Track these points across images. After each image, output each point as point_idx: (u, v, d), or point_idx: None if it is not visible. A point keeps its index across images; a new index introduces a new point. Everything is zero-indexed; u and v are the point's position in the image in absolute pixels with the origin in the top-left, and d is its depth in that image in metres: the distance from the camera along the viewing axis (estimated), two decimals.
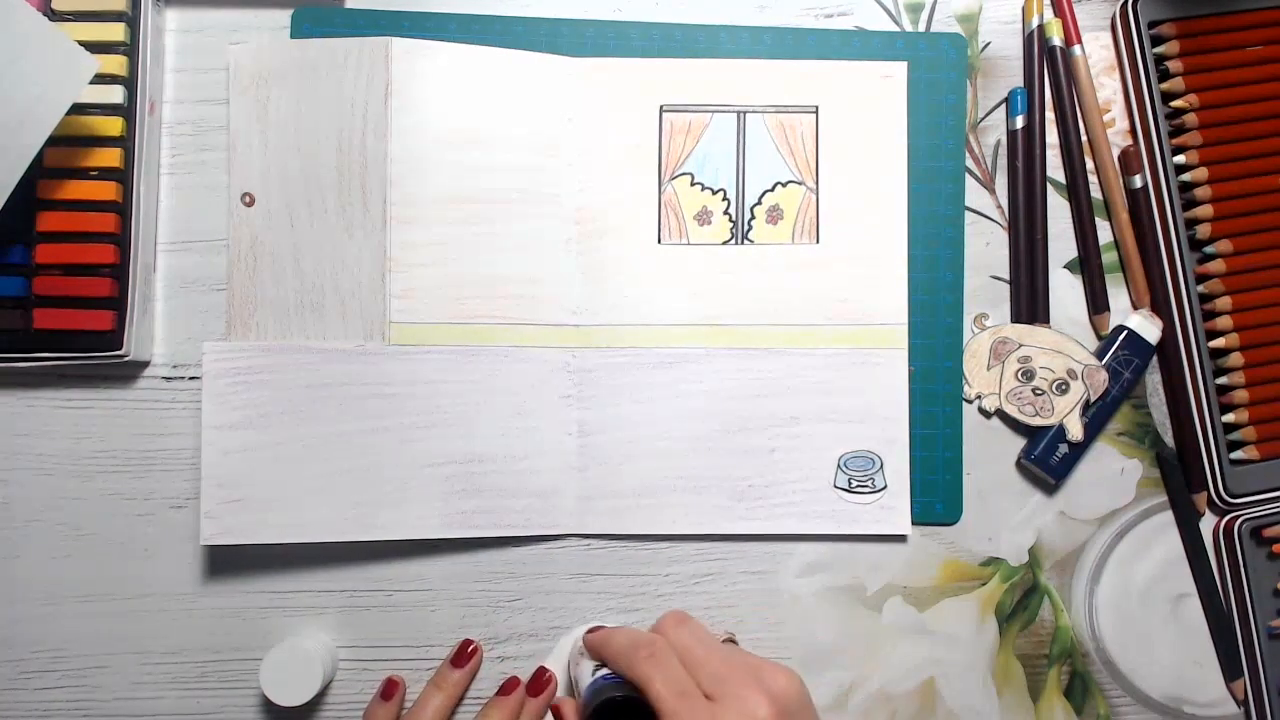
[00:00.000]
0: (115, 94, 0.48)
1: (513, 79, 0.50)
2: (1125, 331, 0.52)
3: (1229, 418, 0.52)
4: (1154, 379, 0.53)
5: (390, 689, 0.49)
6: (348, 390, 0.49)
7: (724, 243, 0.52)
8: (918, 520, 0.52)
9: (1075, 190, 0.53)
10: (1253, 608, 0.52)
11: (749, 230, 0.52)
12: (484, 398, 0.50)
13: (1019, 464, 0.53)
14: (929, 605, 0.52)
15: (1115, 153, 0.53)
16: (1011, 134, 0.53)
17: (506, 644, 0.51)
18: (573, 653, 0.48)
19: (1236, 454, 0.52)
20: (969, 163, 0.53)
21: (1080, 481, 0.53)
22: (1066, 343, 0.52)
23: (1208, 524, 0.53)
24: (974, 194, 0.53)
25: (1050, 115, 0.53)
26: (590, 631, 0.46)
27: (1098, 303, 0.53)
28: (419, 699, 0.49)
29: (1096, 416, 0.52)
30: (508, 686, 0.50)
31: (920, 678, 0.52)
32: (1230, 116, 0.52)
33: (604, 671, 0.43)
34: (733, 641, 0.50)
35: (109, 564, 0.50)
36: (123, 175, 0.48)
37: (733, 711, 0.37)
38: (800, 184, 0.52)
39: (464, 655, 0.50)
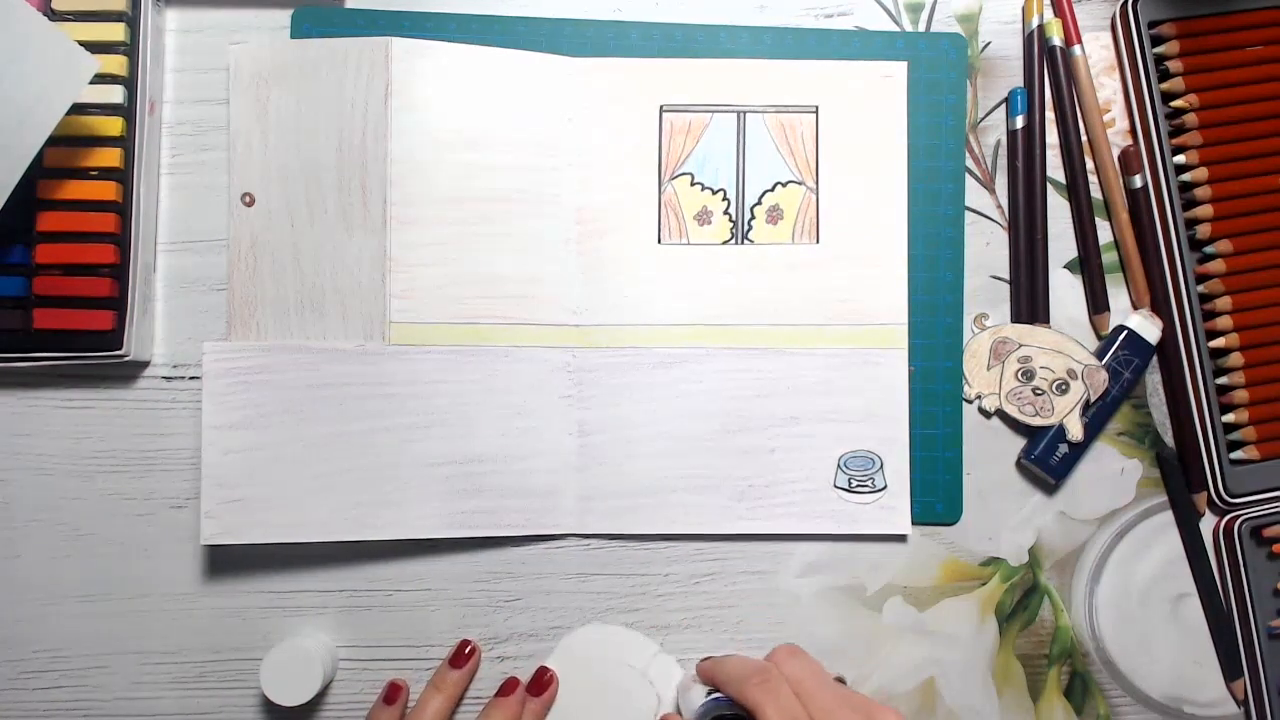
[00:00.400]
0: (115, 94, 0.48)
1: (513, 79, 0.50)
2: (1125, 331, 0.52)
3: (1229, 418, 0.52)
4: (1154, 379, 0.53)
5: (393, 693, 0.49)
6: (348, 390, 0.49)
7: (724, 243, 0.52)
8: (918, 520, 0.52)
9: (1075, 190, 0.53)
10: (1253, 608, 0.52)
11: (749, 230, 0.52)
12: (484, 398, 0.50)
13: (1019, 464, 0.53)
14: (929, 605, 0.52)
15: (1115, 153, 0.53)
16: (1011, 134, 0.53)
17: (506, 644, 0.51)
18: (683, 682, 0.49)
19: (1236, 454, 0.52)
20: (969, 163, 0.53)
21: (1080, 481, 0.53)
22: (1066, 343, 0.52)
23: (1208, 524, 0.53)
24: (974, 194, 0.53)
25: (1050, 115, 0.53)
26: (702, 661, 0.47)
27: (1098, 303, 0.53)
28: (418, 701, 0.49)
29: (1096, 416, 0.52)
30: (507, 687, 0.50)
31: (920, 677, 0.52)
32: (1230, 116, 0.52)
33: (716, 695, 0.44)
34: (842, 681, 0.51)
35: (109, 564, 0.50)
36: (123, 175, 0.48)
37: None
38: (800, 184, 0.52)
39: (462, 656, 0.50)
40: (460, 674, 0.49)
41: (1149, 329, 0.52)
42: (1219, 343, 0.52)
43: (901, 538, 0.52)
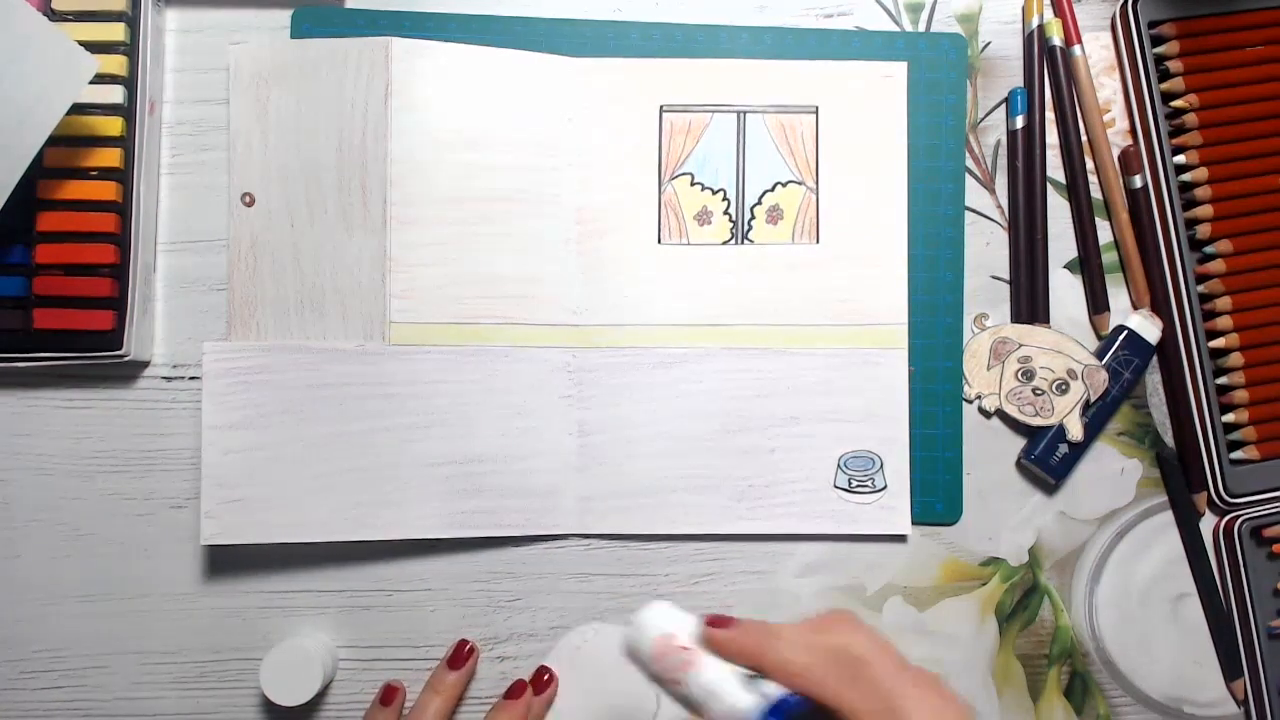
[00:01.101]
0: (115, 94, 0.48)
1: (513, 79, 0.50)
2: (1125, 331, 0.52)
3: (1229, 418, 0.52)
4: (1154, 379, 0.53)
5: (389, 695, 0.49)
6: (348, 390, 0.49)
7: (724, 243, 0.51)
8: (918, 520, 0.52)
9: (1075, 190, 0.53)
10: (1253, 608, 0.52)
11: (749, 230, 0.52)
12: (484, 398, 0.50)
13: (1019, 464, 0.53)
14: (929, 605, 0.52)
15: (1115, 153, 0.53)
16: (1011, 134, 0.53)
17: (506, 644, 0.51)
18: (661, 654, 0.35)
19: (1236, 454, 0.52)
20: (969, 163, 0.53)
21: (1080, 481, 0.53)
22: (1066, 343, 0.52)
23: (1208, 524, 0.53)
24: (974, 194, 0.53)
25: (1050, 115, 0.53)
26: (710, 624, 0.35)
27: (1098, 303, 0.53)
28: (416, 703, 0.49)
29: (1096, 416, 0.52)
30: (515, 690, 0.49)
31: None
32: (1230, 116, 0.52)
33: (785, 694, 0.34)
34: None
35: (109, 564, 0.50)
36: (123, 175, 0.48)
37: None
38: (800, 184, 0.52)
39: (460, 656, 0.50)
40: (458, 675, 0.49)
41: (1149, 329, 0.52)
42: (1219, 343, 0.52)
43: (901, 538, 0.52)
